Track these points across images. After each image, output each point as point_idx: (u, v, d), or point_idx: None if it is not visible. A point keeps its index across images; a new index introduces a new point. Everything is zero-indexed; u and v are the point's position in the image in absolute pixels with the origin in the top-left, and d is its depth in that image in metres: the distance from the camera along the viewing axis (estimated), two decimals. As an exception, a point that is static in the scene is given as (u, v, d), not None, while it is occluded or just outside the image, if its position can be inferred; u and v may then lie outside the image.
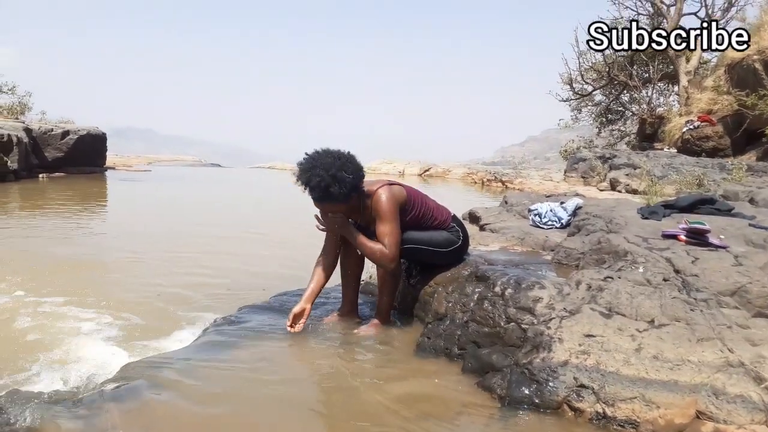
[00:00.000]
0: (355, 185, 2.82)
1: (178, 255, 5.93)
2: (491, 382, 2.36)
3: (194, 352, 2.75)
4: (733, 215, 3.66)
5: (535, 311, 2.51)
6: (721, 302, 2.37)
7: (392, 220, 2.87)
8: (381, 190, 2.89)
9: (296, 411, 2.24)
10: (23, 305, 3.91)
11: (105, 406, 2.06)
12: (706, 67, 16.14)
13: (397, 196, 2.92)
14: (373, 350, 2.86)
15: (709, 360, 2.10)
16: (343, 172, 2.75)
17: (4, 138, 12.40)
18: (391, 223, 2.87)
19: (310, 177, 2.75)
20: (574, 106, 19.62)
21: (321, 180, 2.72)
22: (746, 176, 7.82)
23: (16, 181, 12.45)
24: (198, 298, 4.29)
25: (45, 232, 7.06)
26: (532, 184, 13.87)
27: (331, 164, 2.75)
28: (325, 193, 2.76)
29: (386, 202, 2.86)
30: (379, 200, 2.87)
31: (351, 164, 2.80)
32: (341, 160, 2.78)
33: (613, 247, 2.94)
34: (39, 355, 3.10)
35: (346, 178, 2.75)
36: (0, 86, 17.38)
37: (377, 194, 2.88)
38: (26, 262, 5.22)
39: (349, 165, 2.79)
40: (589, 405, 2.09)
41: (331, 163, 2.75)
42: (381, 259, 2.89)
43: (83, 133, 15.03)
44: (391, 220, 2.87)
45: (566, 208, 4.32)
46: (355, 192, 2.85)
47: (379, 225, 2.88)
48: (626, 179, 9.98)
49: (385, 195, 2.87)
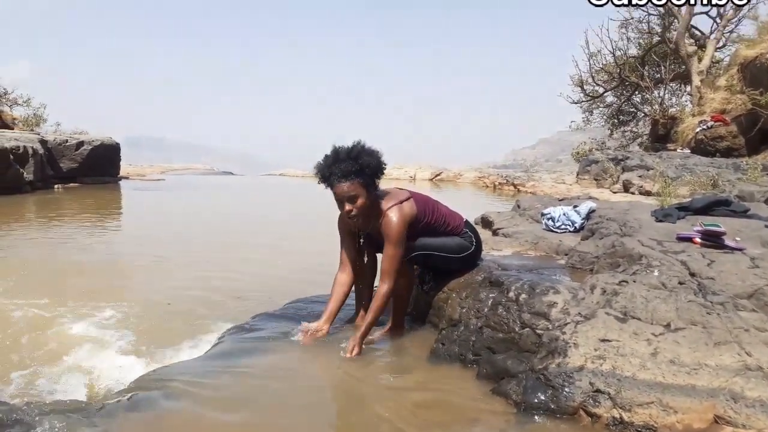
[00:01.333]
0: (378, 168, 2.91)
1: (193, 263, 5.98)
2: (506, 388, 2.35)
3: (209, 361, 2.77)
4: (749, 216, 3.63)
5: (549, 316, 2.50)
6: (738, 305, 2.35)
7: (398, 244, 2.89)
8: (391, 211, 2.91)
9: (311, 418, 2.24)
10: (39, 314, 3.96)
11: (122, 415, 2.08)
12: (718, 67, 16.01)
13: (407, 217, 2.93)
14: (388, 357, 2.86)
15: (727, 364, 2.08)
16: (369, 153, 2.90)
17: (20, 150, 12.56)
18: (398, 247, 2.89)
19: (338, 151, 2.88)
20: (585, 108, 19.53)
21: (345, 153, 2.86)
22: (762, 176, 7.74)
23: (32, 192, 12.60)
24: (212, 306, 4.32)
25: (61, 242, 7.15)
26: (545, 187, 13.82)
27: (354, 147, 2.89)
28: (349, 168, 2.83)
29: (396, 225, 2.88)
30: (389, 222, 2.89)
31: (374, 152, 2.93)
32: (365, 147, 2.92)
33: (627, 251, 2.92)
34: (55, 363, 3.14)
35: (371, 157, 2.88)
36: (16, 99, 17.65)
37: (388, 216, 2.90)
38: (43, 271, 5.29)
39: (372, 152, 2.92)
40: (606, 410, 2.07)
41: (353, 146, 2.90)
42: (388, 298, 2.92)
43: (97, 143, 15.19)
44: (396, 244, 2.89)
45: (579, 212, 4.30)
46: (378, 178, 2.94)
47: (387, 246, 2.90)
48: (639, 181, 9.92)
49: (395, 217, 2.90)
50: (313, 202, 11.72)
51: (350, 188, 2.85)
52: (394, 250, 2.88)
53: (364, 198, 2.87)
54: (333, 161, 2.87)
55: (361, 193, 2.86)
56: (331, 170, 2.86)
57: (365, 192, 2.87)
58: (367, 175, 2.86)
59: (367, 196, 2.89)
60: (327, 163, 2.89)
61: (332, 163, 2.86)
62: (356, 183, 2.85)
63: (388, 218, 2.89)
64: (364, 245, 3.18)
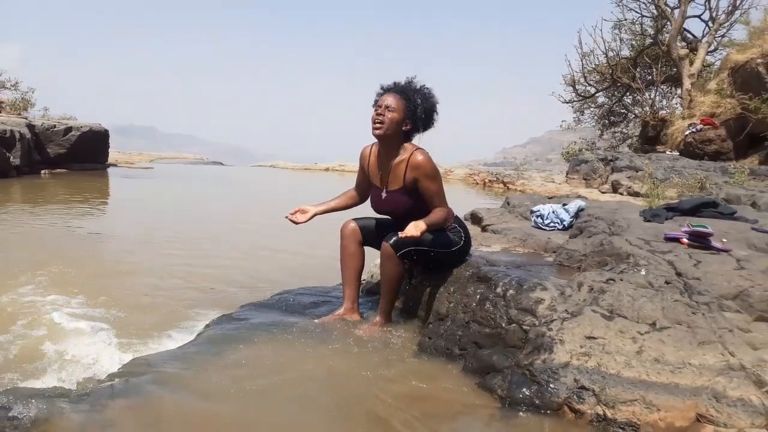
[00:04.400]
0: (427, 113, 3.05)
1: (180, 252, 5.95)
2: (492, 383, 2.36)
3: (196, 349, 2.75)
4: (736, 219, 3.67)
5: (536, 312, 2.51)
6: (723, 306, 2.37)
7: (439, 177, 3.04)
8: (419, 151, 3.02)
9: (296, 409, 2.24)
10: (24, 303, 3.93)
11: (108, 401, 2.07)
12: (709, 70, 16.12)
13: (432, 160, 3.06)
14: (375, 350, 2.86)
15: (710, 363, 2.11)
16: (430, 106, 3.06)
17: (7, 134, 12.43)
18: (439, 179, 3.04)
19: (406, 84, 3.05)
20: (576, 108, 19.63)
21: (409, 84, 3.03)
22: (748, 180, 7.82)
23: (18, 177, 12.47)
24: (199, 295, 4.30)
25: (44, 228, 7.08)
26: (534, 186, 13.88)
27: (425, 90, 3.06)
28: (406, 93, 3.00)
29: (429, 161, 3.00)
30: (419, 160, 2.99)
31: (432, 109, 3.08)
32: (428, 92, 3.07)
33: (615, 250, 2.94)
34: (41, 352, 3.12)
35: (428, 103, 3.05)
36: (3, 82, 17.42)
37: (416, 154, 3.00)
38: (27, 259, 5.24)
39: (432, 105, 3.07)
40: (590, 407, 2.09)
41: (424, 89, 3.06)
42: (449, 219, 3.06)
43: (86, 129, 15.05)
44: (438, 177, 3.04)
45: (568, 210, 4.32)
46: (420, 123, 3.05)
47: (431, 184, 3.00)
48: (628, 181, 9.98)
49: (424, 155, 3.01)
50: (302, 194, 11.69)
51: (394, 102, 3.00)
52: (438, 185, 3.02)
53: (398, 116, 2.99)
54: (405, 84, 3.03)
55: (399, 112, 2.99)
56: (396, 85, 3.03)
57: (402, 115, 2.99)
58: (415, 109, 3.00)
59: (400, 120, 3.00)
60: (397, 82, 3.04)
61: (402, 84, 3.03)
62: (402, 103, 2.99)
63: (416, 158, 3.00)
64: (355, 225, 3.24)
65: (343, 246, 3.20)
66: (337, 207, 3.31)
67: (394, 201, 3.07)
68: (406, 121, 3.00)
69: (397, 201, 3.06)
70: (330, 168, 21.98)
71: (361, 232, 3.20)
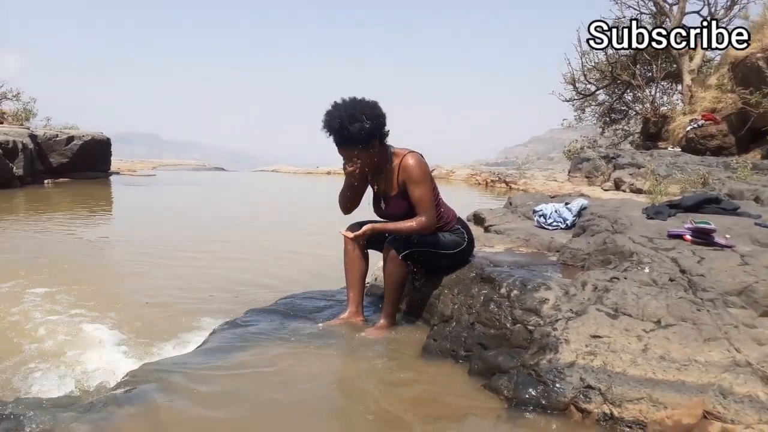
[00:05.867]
0: (370, 131, 2.88)
1: (185, 259, 5.95)
2: (498, 384, 2.36)
3: (201, 356, 2.76)
4: (739, 214, 3.66)
5: (541, 312, 2.51)
6: (728, 302, 2.36)
7: (426, 181, 2.93)
8: (410, 155, 2.96)
9: (303, 414, 2.24)
10: (29, 309, 3.94)
11: (114, 410, 2.07)
12: (709, 66, 16.11)
13: (424, 162, 2.98)
14: (380, 353, 2.86)
15: (716, 360, 2.10)
16: (363, 115, 2.84)
17: (10, 144, 12.47)
18: (426, 184, 2.93)
19: (330, 122, 2.87)
20: (577, 106, 19.60)
21: (338, 123, 2.83)
22: (751, 174, 7.80)
23: (21, 187, 12.51)
24: (205, 301, 4.31)
25: (49, 237, 7.10)
26: (536, 185, 13.87)
27: (348, 109, 2.85)
28: (343, 134, 2.85)
29: (418, 165, 2.93)
30: (409, 164, 2.93)
31: (369, 110, 2.88)
32: (360, 105, 2.88)
33: (618, 248, 2.94)
34: (46, 360, 3.13)
35: (362, 122, 2.84)
36: (5, 93, 17.47)
37: (406, 158, 2.95)
38: (31, 265, 5.25)
39: (367, 110, 2.88)
40: (596, 406, 2.08)
41: (348, 108, 2.86)
42: (424, 229, 2.94)
43: (88, 138, 15.09)
44: (425, 181, 2.93)
45: (571, 209, 4.32)
46: (376, 138, 2.91)
47: (415, 188, 2.92)
48: (630, 179, 9.97)
49: (414, 159, 2.94)
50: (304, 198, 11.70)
51: (348, 153, 2.93)
52: (421, 189, 2.91)
53: (362, 157, 2.92)
54: (327, 128, 2.89)
55: (360, 154, 2.91)
56: (337, 135, 2.90)
57: (363, 151, 2.91)
58: (366, 139, 2.87)
59: (366, 154, 2.93)
60: (324, 127, 2.90)
61: (327, 129, 2.89)
62: (351, 148, 2.90)
63: (406, 161, 2.93)
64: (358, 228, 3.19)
65: (346, 249, 3.20)
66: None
67: (393, 206, 3.05)
68: (371, 147, 2.91)
69: (396, 205, 3.05)
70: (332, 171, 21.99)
71: None
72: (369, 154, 2.94)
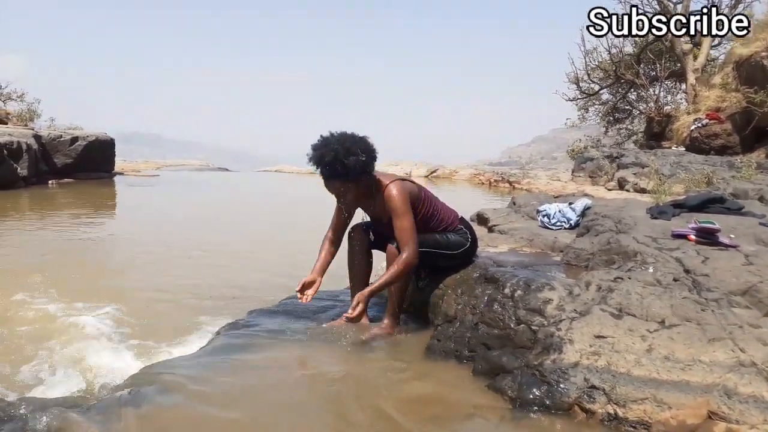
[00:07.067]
0: (365, 165, 2.87)
1: (188, 259, 5.96)
2: (502, 384, 2.36)
3: (206, 357, 2.77)
4: (743, 214, 3.65)
5: (545, 313, 2.51)
6: (732, 302, 2.36)
7: (406, 213, 2.91)
8: (392, 184, 2.94)
9: (307, 415, 2.25)
10: (32, 309, 3.95)
11: (120, 410, 2.08)
12: (713, 65, 16.05)
13: (409, 190, 2.97)
14: (383, 353, 2.87)
15: (721, 360, 2.10)
16: (358, 148, 2.84)
17: (14, 145, 12.50)
18: (406, 216, 2.91)
19: (322, 154, 2.84)
20: (581, 106, 19.55)
21: (332, 156, 2.81)
22: (756, 174, 7.76)
23: (26, 187, 12.53)
24: (208, 302, 4.31)
25: (54, 237, 7.12)
26: (540, 185, 13.84)
27: (342, 142, 2.84)
28: (335, 171, 2.83)
29: (398, 196, 2.90)
30: (390, 195, 2.91)
31: (363, 144, 2.88)
32: (353, 139, 2.87)
33: (622, 248, 2.93)
34: (51, 360, 3.13)
35: (358, 156, 2.82)
36: (9, 94, 17.53)
37: (388, 189, 2.93)
38: (37, 265, 5.27)
39: (361, 145, 2.87)
40: (601, 406, 2.09)
41: (341, 141, 2.84)
42: (408, 266, 2.91)
43: (92, 139, 15.11)
44: (405, 213, 2.91)
45: (575, 209, 4.31)
46: (366, 174, 2.90)
47: (396, 220, 2.92)
48: (634, 178, 9.94)
49: (396, 189, 2.92)
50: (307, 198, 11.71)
51: (336, 187, 2.91)
52: (402, 221, 2.90)
53: (353, 192, 2.92)
54: (318, 161, 2.86)
55: (350, 188, 2.91)
56: (318, 169, 2.88)
57: (354, 186, 2.91)
58: (354, 174, 2.86)
59: (357, 189, 2.92)
60: (314, 160, 2.88)
61: (317, 163, 2.87)
62: (342, 182, 2.88)
63: (389, 192, 2.92)
64: (357, 237, 3.20)
65: (350, 250, 3.21)
66: (330, 260, 3.22)
67: (391, 228, 3.01)
68: (359, 181, 2.90)
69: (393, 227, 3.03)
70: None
71: (368, 235, 3.21)
72: (360, 189, 2.93)
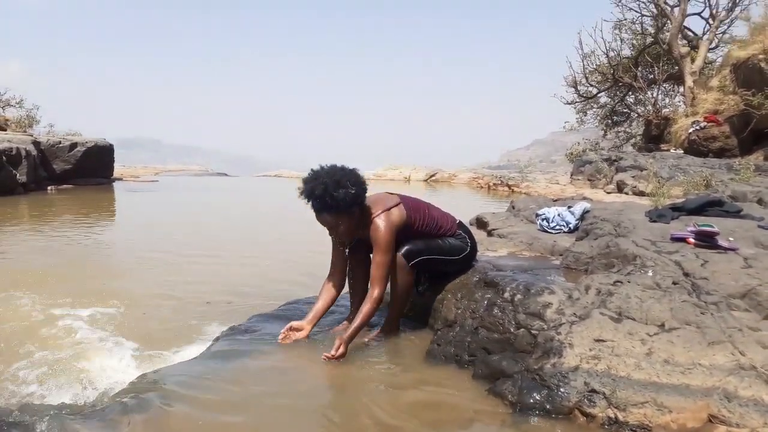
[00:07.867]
0: (355, 197, 2.87)
1: (187, 265, 5.96)
2: (502, 389, 2.36)
3: (206, 362, 2.77)
4: (742, 217, 3.65)
5: (544, 317, 2.51)
6: (732, 305, 2.37)
7: (387, 251, 2.90)
8: (379, 218, 2.92)
9: (307, 420, 2.25)
10: (33, 315, 3.96)
11: (120, 417, 2.08)
12: (711, 67, 16.09)
13: (395, 223, 2.94)
14: (384, 358, 2.87)
15: (721, 363, 2.10)
16: (347, 181, 2.84)
17: (13, 151, 12.51)
18: (387, 253, 2.90)
19: (313, 188, 2.84)
20: (579, 109, 19.58)
21: (322, 189, 2.81)
22: (754, 176, 7.78)
23: (25, 193, 12.54)
24: (208, 307, 4.31)
25: (53, 243, 7.12)
26: (539, 188, 13.86)
27: (332, 175, 2.85)
28: (325, 204, 2.84)
29: (384, 230, 2.89)
30: (376, 229, 2.91)
31: (353, 177, 2.89)
32: (343, 172, 2.88)
33: (621, 251, 2.94)
34: (51, 366, 3.13)
35: (347, 189, 2.83)
36: (8, 100, 17.54)
37: (375, 223, 2.92)
38: (36, 273, 5.26)
39: (351, 177, 2.88)
40: (601, 410, 2.09)
41: (331, 174, 2.85)
42: (379, 303, 2.89)
43: (91, 144, 15.12)
44: (386, 250, 2.90)
45: (574, 213, 4.32)
46: (356, 205, 2.90)
47: (375, 254, 2.92)
48: (633, 181, 9.95)
49: (382, 224, 2.90)
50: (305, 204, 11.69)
51: (328, 220, 2.91)
52: (381, 257, 2.89)
53: (345, 224, 2.91)
54: (309, 195, 2.87)
55: (342, 220, 2.90)
56: (309, 202, 2.89)
57: (346, 218, 2.89)
58: (344, 207, 2.85)
59: (349, 220, 2.91)
60: (305, 194, 2.88)
61: (308, 196, 2.87)
62: (333, 215, 2.87)
63: (375, 225, 2.91)
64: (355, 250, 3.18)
65: (351, 256, 3.21)
66: (326, 308, 3.14)
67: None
68: (351, 214, 2.89)
69: None
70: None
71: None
72: (351, 220, 2.92)
